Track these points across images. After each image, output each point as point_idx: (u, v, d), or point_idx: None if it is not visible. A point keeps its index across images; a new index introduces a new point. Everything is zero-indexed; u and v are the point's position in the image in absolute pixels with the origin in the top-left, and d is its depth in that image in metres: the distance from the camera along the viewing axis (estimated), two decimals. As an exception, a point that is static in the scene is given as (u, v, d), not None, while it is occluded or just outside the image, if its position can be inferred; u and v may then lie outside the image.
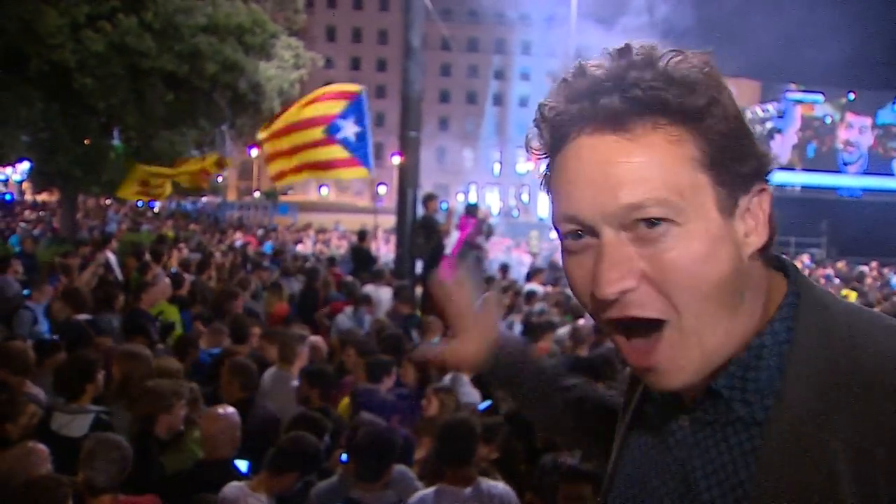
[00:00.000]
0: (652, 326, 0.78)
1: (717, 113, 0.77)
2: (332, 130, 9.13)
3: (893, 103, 31.00)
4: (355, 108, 9.22)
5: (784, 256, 0.88)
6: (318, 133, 9.21)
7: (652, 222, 0.75)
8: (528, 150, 0.88)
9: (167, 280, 7.66)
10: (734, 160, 0.79)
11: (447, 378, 5.08)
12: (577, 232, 0.80)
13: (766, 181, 0.82)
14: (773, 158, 0.82)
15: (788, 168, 30.40)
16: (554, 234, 0.85)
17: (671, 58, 0.78)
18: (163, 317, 6.60)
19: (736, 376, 0.81)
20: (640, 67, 0.77)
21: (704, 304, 0.76)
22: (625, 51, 0.80)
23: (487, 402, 4.88)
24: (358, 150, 9.16)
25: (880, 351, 0.75)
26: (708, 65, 0.79)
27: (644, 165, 0.76)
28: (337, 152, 9.25)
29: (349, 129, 9.11)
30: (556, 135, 0.82)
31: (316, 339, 5.93)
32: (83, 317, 5.94)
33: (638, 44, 0.80)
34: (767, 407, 0.79)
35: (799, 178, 30.42)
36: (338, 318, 7.47)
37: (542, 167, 0.87)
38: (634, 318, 0.77)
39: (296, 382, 4.76)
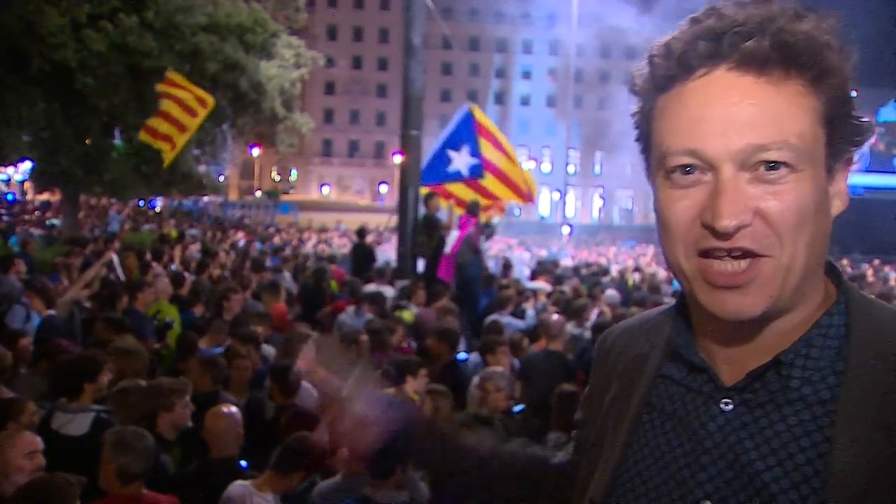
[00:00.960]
0: (750, 256, 0.80)
1: (839, 76, 0.81)
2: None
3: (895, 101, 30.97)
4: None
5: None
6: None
7: (772, 165, 0.79)
8: (633, 91, 0.89)
9: (165, 280, 7.67)
10: (843, 122, 0.83)
11: (476, 379, 5.02)
12: (687, 166, 0.81)
13: (856, 152, 0.86)
14: (870, 128, 0.86)
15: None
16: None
17: (813, 17, 0.82)
18: (160, 316, 6.60)
19: (800, 354, 0.84)
20: (790, 18, 0.80)
21: (805, 246, 0.80)
22: (766, 0, 0.82)
23: (521, 406, 4.86)
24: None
25: None
26: (837, 31, 0.83)
27: (777, 109, 0.79)
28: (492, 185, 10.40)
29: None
30: (678, 69, 0.83)
31: (318, 337, 5.93)
32: (49, 312, 6.03)
33: None
34: (832, 386, 0.82)
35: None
36: (340, 318, 7.47)
37: (642, 108, 0.88)
38: (744, 249, 0.79)
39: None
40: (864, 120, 0.85)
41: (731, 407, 0.86)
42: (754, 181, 0.79)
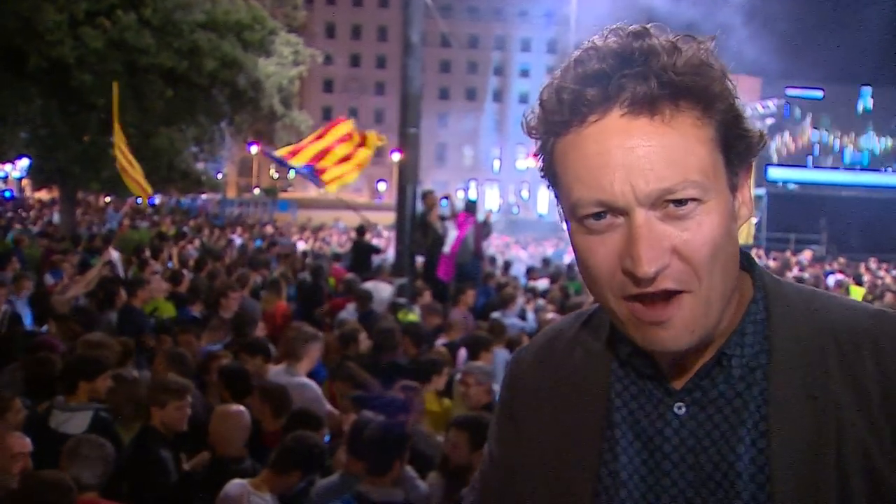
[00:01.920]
0: (672, 294, 0.81)
1: (726, 96, 0.83)
2: None
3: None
4: None
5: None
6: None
7: (681, 201, 0.80)
8: (529, 134, 0.88)
9: (158, 278, 7.69)
10: (737, 139, 0.85)
11: (458, 374, 5.03)
12: (599, 213, 0.81)
13: (753, 158, 0.88)
14: (763, 136, 0.88)
15: (789, 165, 30.37)
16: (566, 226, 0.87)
17: (691, 43, 0.82)
18: (157, 313, 6.60)
19: (738, 344, 0.87)
20: (669, 52, 0.80)
21: (720, 274, 0.82)
22: (643, 34, 0.82)
23: None
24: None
25: (833, 305, 0.89)
26: (715, 49, 0.84)
27: (674, 148, 0.79)
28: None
29: None
30: (570, 116, 0.82)
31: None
32: (5, 307, 6.10)
33: (652, 27, 0.83)
34: (763, 365, 0.86)
35: (799, 175, 30.41)
36: (340, 315, 7.45)
37: (542, 149, 0.87)
38: (666, 291, 0.80)
39: (302, 380, 4.73)
40: (755, 131, 0.86)
41: (683, 410, 0.88)
42: (665, 219, 0.80)
